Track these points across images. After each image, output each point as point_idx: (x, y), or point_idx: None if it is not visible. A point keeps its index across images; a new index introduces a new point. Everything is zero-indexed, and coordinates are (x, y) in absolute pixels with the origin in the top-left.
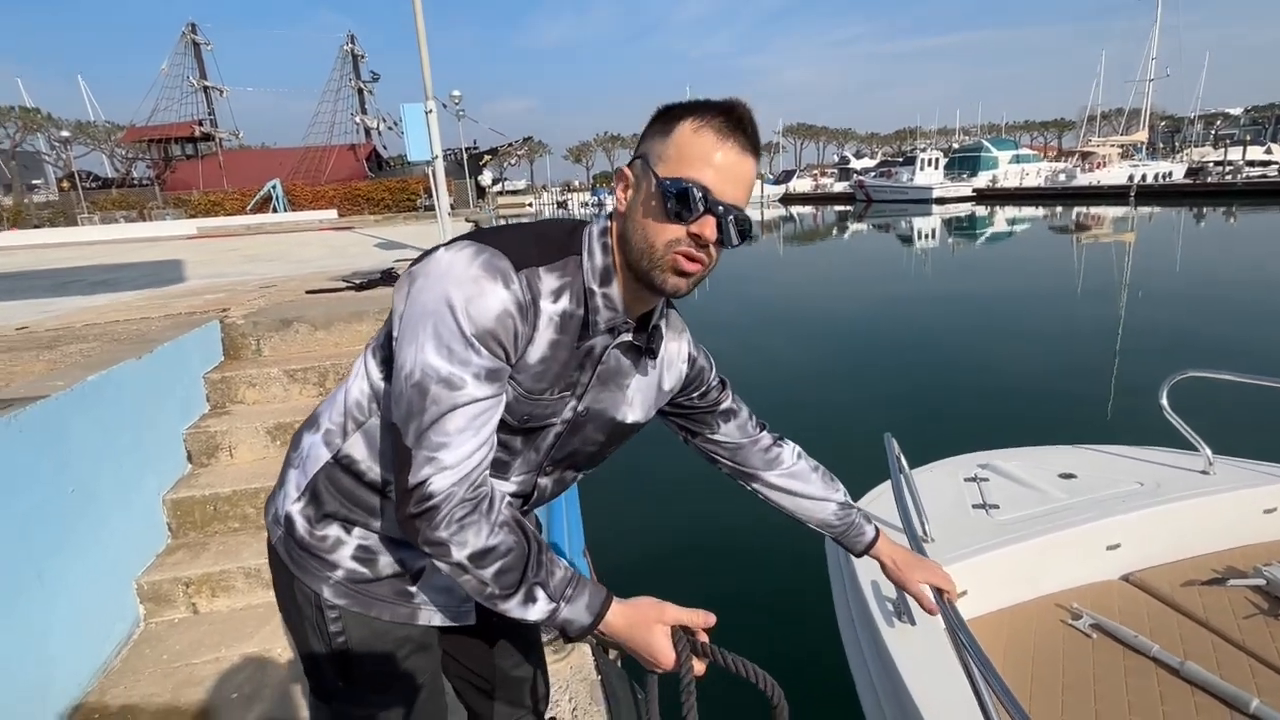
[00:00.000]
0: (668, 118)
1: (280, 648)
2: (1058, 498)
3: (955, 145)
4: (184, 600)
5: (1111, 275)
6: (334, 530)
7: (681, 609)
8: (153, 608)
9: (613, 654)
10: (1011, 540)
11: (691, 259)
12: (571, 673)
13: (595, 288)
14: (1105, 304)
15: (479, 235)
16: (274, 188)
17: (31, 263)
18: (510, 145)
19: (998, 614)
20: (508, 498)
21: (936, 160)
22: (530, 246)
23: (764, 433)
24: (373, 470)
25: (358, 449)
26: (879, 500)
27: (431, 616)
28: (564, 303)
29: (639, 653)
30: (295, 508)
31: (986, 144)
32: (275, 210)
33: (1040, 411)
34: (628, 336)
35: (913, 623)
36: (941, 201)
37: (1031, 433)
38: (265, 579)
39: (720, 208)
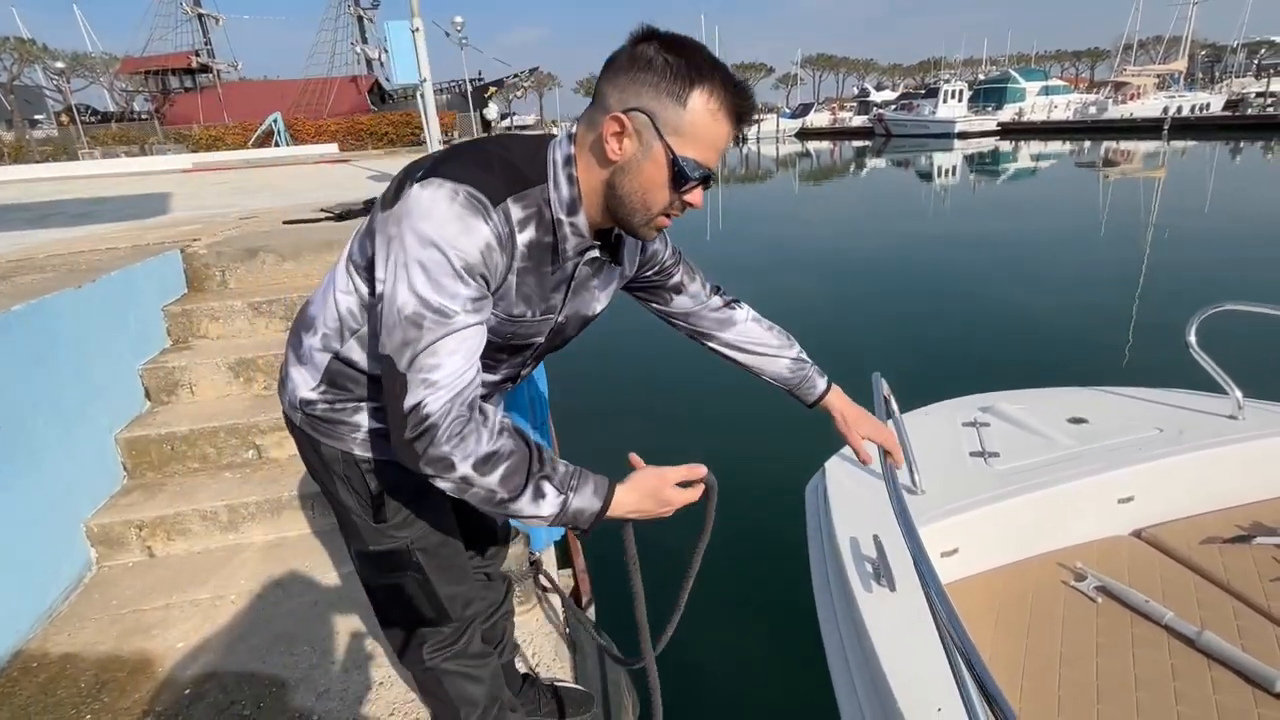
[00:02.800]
0: (678, 78)
1: (234, 594)
2: (1065, 445)
3: (981, 77)
4: (138, 543)
5: (1137, 214)
6: (351, 404)
7: (676, 468)
8: (105, 551)
9: (588, 611)
10: (1011, 493)
11: (671, 218)
12: (537, 625)
13: (563, 217)
14: (1127, 244)
15: (448, 165)
16: (275, 121)
17: (19, 196)
18: (517, 76)
19: (991, 573)
20: (501, 406)
21: (960, 92)
22: (498, 176)
23: (715, 297)
24: (373, 366)
25: (355, 353)
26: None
27: None
28: (530, 231)
29: (657, 514)
30: (313, 394)
31: (1014, 74)
32: (277, 145)
33: (1052, 352)
34: (594, 254)
35: (892, 588)
36: (964, 136)
37: (1041, 374)
38: (222, 522)
39: (709, 175)
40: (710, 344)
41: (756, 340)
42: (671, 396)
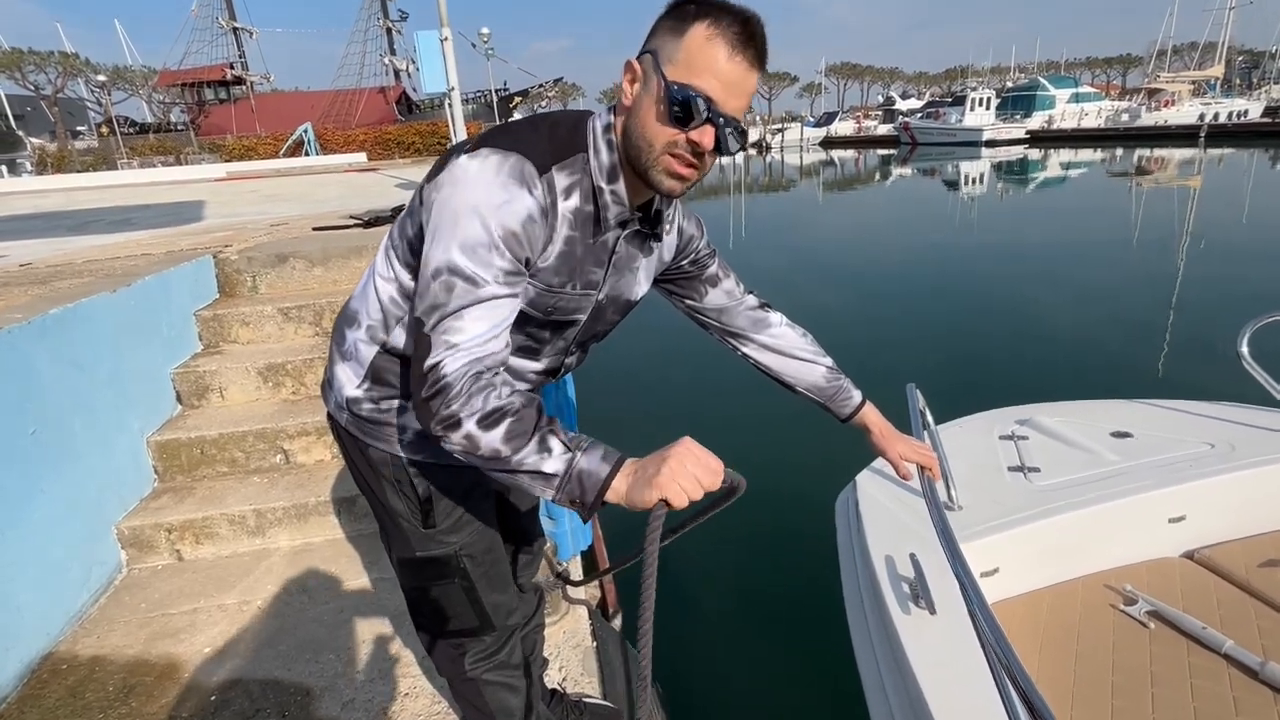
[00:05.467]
0: (681, 14)
1: (261, 599)
2: (1110, 460)
3: (1009, 84)
4: (167, 546)
5: (1171, 224)
6: (396, 402)
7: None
8: (135, 553)
9: (615, 622)
10: (1054, 510)
11: (687, 164)
12: (564, 638)
13: (604, 185)
14: (1162, 254)
15: (495, 137)
16: (305, 131)
17: (61, 204)
18: (541, 86)
19: (1034, 595)
20: (532, 374)
21: (988, 100)
22: (544, 144)
23: (750, 296)
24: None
25: (401, 340)
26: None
27: None
28: (575, 200)
29: (667, 495)
30: (358, 392)
31: (1043, 82)
32: (307, 154)
33: (1087, 364)
34: (635, 226)
35: (932, 610)
36: (991, 144)
37: (1076, 386)
38: (250, 526)
39: (721, 119)
40: (744, 348)
41: (793, 345)
42: (697, 404)
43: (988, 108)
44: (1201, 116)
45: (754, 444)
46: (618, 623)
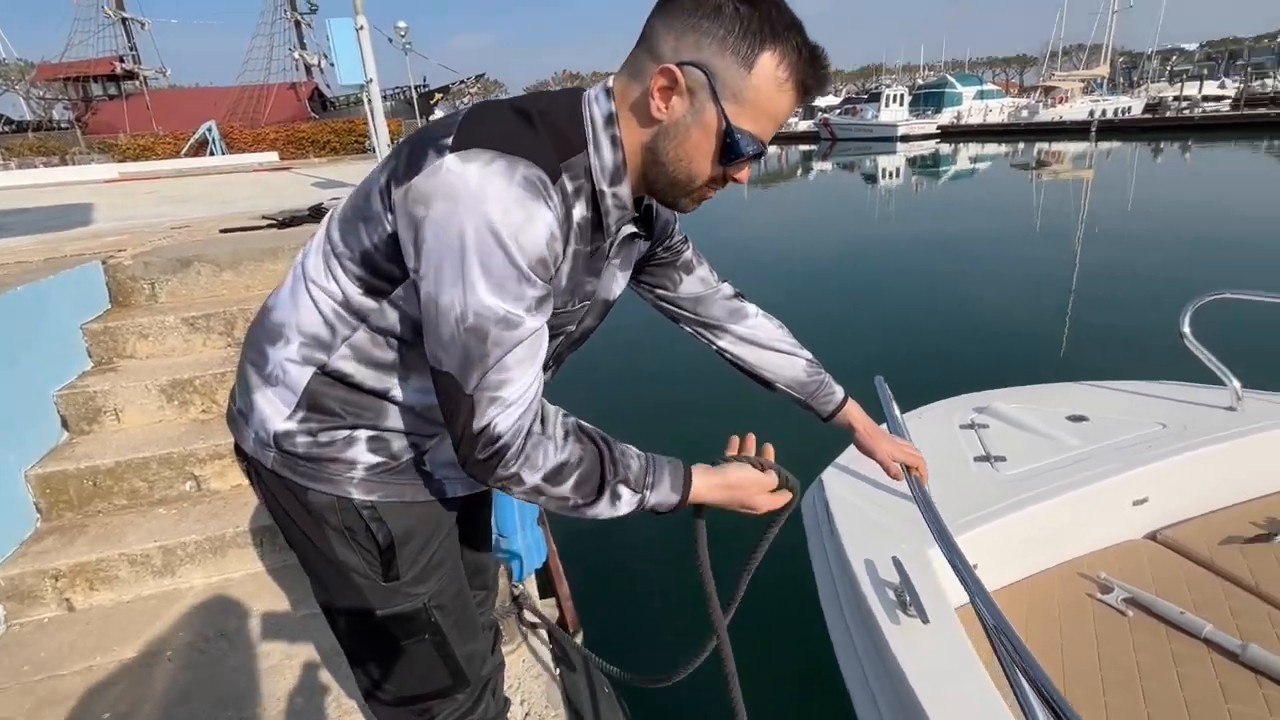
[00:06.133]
0: (749, 34)
1: (171, 650)
2: (1071, 445)
3: (920, 82)
4: (54, 596)
5: (1069, 213)
6: (341, 433)
7: (772, 473)
8: (15, 607)
9: (579, 637)
10: (1026, 501)
11: (715, 190)
12: (524, 666)
13: (605, 188)
14: (1064, 243)
15: (484, 132)
16: (209, 130)
17: None
18: (463, 83)
19: (1013, 588)
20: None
21: (901, 97)
22: (547, 143)
23: (726, 284)
24: (370, 379)
25: (348, 364)
26: (861, 457)
27: (455, 488)
28: (581, 208)
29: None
30: (289, 424)
31: (951, 79)
32: (212, 154)
33: (1032, 349)
34: (630, 228)
35: (924, 619)
36: (906, 139)
37: (1026, 372)
38: (156, 566)
39: (763, 154)
40: (720, 340)
41: (771, 337)
42: (650, 395)
43: (902, 104)
44: (1091, 113)
45: (715, 433)
46: (579, 639)
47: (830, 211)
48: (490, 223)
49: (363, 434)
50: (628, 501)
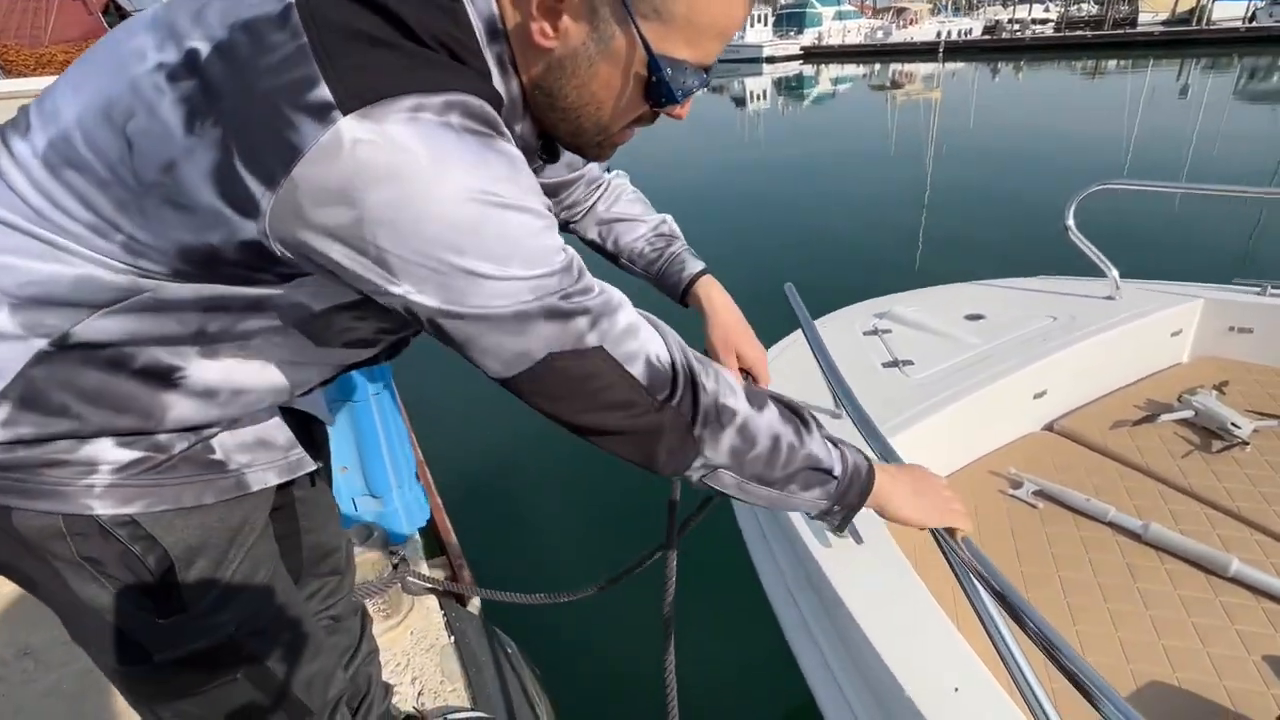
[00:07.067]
0: None
1: None
2: (972, 344)
3: (781, 2)
4: None
5: (923, 132)
6: (69, 427)
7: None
8: None
9: (472, 605)
10: (940, 404)
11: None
12: (412, 641)
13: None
14: (917, 161)
15: (376, 68)
16: None
17: None
18: None
19: None
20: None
21: (765, 17)
22: (449, 61)
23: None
24: (146, 360)
25: (111, 328)
26: (776, 364)
27: (265, 477)
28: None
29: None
30: None
31: (811, 0)
32: None
33: (915, 255)
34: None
35: (858, 538)
36: (771, 60)
37: (917, 276)
38: None
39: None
40: (589, 232)
41: (622, 212)
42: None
43: (766, 24)
44: (939, 34)
45: None
46: (475, 606)
47: (706, 138)
48: (469, 190)
49: (109, 432)
50: (827, 450)
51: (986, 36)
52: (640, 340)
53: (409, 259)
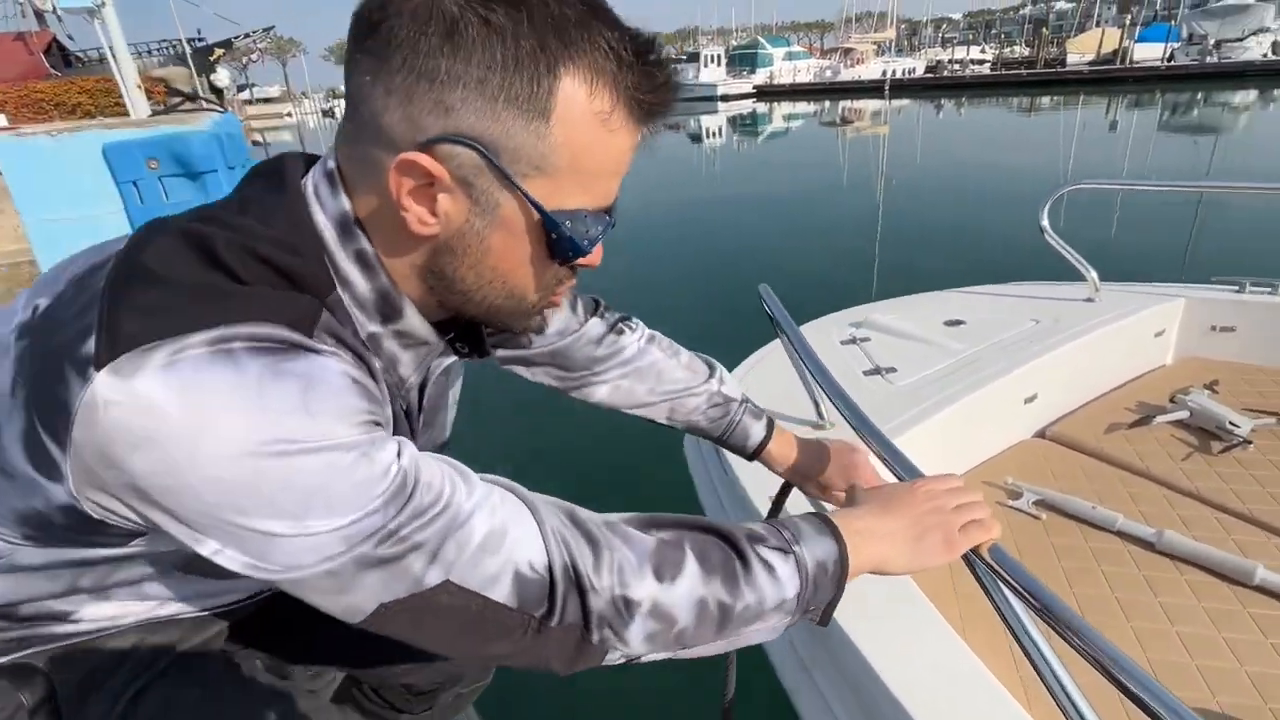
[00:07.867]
0: (525, 60)
1: None
2: (955, 349)
3: (734, 43)
4: None
5: (873, 166)
6: None
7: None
8: None
9: None
10: (932, 409)
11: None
12: None
13: (379, 329)
14: (867, 195)
15: (151, 308)
16: None
17: None
18: (249, 37)
19: None
20: None
21: (719, 57)
22: (263, 292)
23: (595, 319)
24: (28, 608)
25: None
26: (747, 382)
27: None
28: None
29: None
30: None
31: (763, 41)
32: None
33: (893, 268)
34: (450, 358)
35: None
36: (726, 99)
37: (891, 289)
38: None
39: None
40: (596, 393)
41: (669, 390)
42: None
43: (720, 64)
44: (884, 73)
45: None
46: None
47: (662, 172)
48: (244, 446)
49: None
50: (785, 568)
51: (929, 75)
52: (505, 551)
53: (200, 520)
